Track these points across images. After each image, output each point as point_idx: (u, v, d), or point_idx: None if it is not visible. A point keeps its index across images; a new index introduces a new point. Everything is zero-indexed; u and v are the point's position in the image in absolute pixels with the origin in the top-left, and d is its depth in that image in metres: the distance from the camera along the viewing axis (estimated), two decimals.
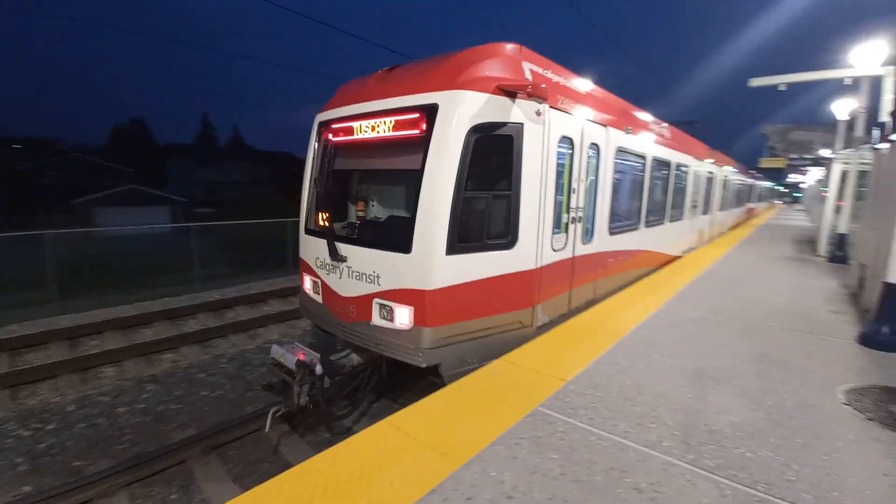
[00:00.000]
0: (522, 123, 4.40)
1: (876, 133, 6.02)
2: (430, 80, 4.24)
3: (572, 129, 5.26)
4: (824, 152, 24.52)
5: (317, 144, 5.41)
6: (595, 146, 5.89)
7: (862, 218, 6.66)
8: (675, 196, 10.19)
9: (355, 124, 4.79)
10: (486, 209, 4.33)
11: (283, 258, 14.71)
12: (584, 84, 5.90)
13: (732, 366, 3.99)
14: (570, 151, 5.30)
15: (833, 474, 2.47)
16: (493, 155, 4.31)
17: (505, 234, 4.45)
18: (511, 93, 4.26)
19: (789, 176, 43.43)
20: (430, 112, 4.08)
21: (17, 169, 41.42)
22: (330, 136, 5.23)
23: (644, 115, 8.27)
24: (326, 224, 5.24)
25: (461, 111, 4.00)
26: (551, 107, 4.75)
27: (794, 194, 59.03)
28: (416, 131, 4.18)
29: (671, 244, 10.32)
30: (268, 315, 9.28)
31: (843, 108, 14.17)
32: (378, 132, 4.54)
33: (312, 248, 5.23)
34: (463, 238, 4.13)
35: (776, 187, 54.10)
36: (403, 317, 4.16)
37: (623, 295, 6.54)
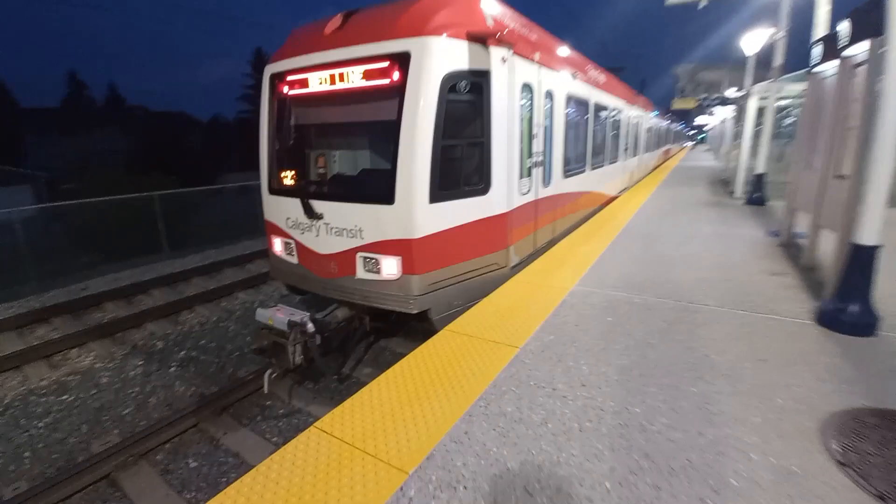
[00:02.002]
0: (491, 70, 4.37)
1: (816, 52, 4.89)
2: (397, 26, 4.05)
3: (531, 76, 5.26)
4: (730, 92, 24.96)
5: (272, 99, 4.99)
6: (550, 93, 5.92)
7: (794, 156, 5.71)
8: (612, 140, 10.40)
9: (315, 75, 4.53)
10: (461, 157, 4.39)
11: (154, 241, 12.00)
12: (536, 29, 5.76)
13: (669, 393, 2.70)
14: (531, 98, 5.30)
15: None
16: (465, 102, 4.30)
17: (480, 181, 4.54)
18: (481, 39, 4.21)
19: (697, 118, 45.20)
20: (401, 60, 3.95)
21: None
22: (286, 88, 4.86)
23: (586, 61, 8.16)
24: (294, 182, 4.99)
25: (434, 58, 3.90)
26: (514, 53, 4.72)
27: (700, 136, 61.33)
28: (387, 80, 4.05)
29: (610, 185, 10.64)
30: (97, 326, 6.95)
31: (753, 41, 13.63)
32: (343, 83, 4.32)
33: (281, 209, 4.96)
34: (443, 186, 4.15)
35: (686, 130, 56.10)
36: (391, 267, 4.19)
37: (534, 268, 5.21)
